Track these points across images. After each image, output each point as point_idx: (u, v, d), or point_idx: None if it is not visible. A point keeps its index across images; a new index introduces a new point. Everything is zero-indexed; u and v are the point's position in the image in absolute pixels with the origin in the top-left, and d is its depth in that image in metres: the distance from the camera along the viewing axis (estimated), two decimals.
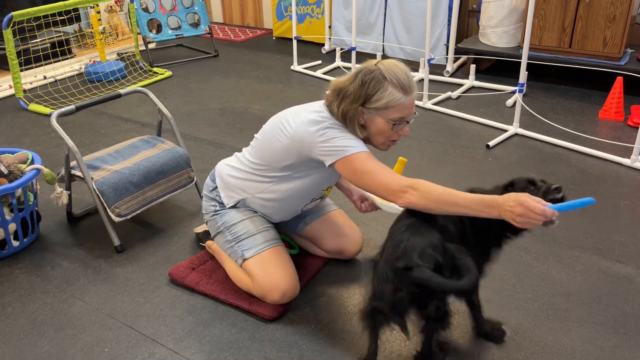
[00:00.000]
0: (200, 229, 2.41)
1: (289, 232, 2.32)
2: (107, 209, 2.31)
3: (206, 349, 1.86)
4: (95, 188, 2.31)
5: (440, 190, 1.61)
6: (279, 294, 1.96)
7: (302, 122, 1.84)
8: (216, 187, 2.12)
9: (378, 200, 2.09)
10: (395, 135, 1.84)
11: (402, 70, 1.79)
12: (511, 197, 1.49)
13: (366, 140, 1.86)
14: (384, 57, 4.82)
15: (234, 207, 2.09)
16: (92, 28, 4.75)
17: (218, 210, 2.11)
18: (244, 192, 2.05)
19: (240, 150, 2.14)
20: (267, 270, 1.97)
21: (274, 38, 5.78)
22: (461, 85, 4.23)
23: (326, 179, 1.99)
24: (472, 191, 1.66)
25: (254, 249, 2.00)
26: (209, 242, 2.28)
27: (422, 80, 4.20)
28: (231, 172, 2.08)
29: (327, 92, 1.88)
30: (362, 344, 1.84)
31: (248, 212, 2.08)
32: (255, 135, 2.04)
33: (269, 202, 2.04)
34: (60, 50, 4.74)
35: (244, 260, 2.01)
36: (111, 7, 5.63)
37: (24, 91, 4.28)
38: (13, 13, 3.70)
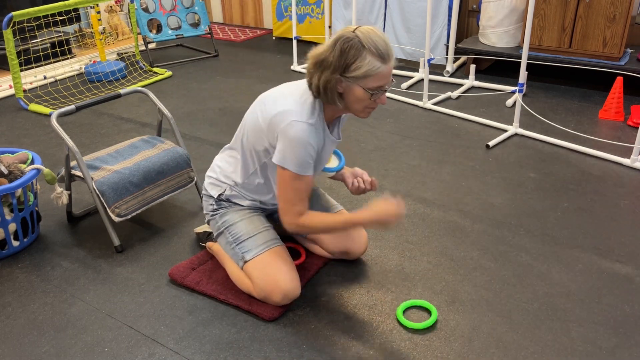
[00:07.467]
0: (200, 229, 2.41)
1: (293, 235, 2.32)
2: (107, 209, 2.31)
3: (206, 349, 1.86)
4: (95, 188, 2.31)
5: (318, 222, 1.92)
6: (280, 296, 1.96)
7: (283, 110, 1.83)
8: (210, 183, 2.13)
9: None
10: (373, 103, 1.82)
11: (380, 37, 1.74)
12: (367, 216, 1.87)
13: (345, 109, 1.85)
14: None
15: (228, 204, 2.10)
16: (92, 28, 4.75)
17: (216, 210, 2.11)
18: (226, 177, 2.09)
19: None
20: (266, 272, 1.96)
21: (274, 38, 5.78)
22: (461, 85, 4.23)
23: None
24: None
25: (254, 250, 2.00)
26: (209, 243, 2.28)
27: (422, 80, 4.20)
28: (219, 162, 2.13)
29: (307, 64, 1.83)
30: (362, 344, 1.85)
31: (246, 211, 2.09)
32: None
33: (253, 186, 2.06)
34: (60, 50, 4.74)
35: (245, 262, 2.01)
36: (111, 7, 5.62)
37: (24, 91, 4.28)
38: (13, 13, 3.70)
